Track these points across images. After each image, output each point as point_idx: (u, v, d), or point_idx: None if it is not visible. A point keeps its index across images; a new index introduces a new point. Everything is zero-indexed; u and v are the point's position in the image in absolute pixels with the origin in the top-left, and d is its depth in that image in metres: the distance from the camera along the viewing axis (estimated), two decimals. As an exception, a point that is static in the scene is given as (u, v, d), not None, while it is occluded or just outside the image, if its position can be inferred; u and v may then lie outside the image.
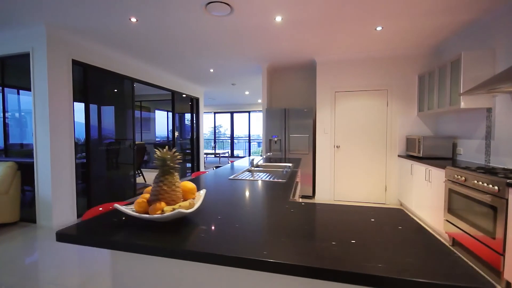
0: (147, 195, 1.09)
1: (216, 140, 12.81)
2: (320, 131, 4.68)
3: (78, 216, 3.60)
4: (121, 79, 4.49)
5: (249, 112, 11.66)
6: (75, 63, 3.49)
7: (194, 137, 7.14)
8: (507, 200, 1.96)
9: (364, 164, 4.57)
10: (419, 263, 0.71)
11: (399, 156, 4.37)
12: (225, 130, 13.06)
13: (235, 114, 11.91)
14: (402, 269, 0.68)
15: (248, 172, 2.41)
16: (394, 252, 0.78)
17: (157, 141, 9.71)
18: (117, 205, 0.97)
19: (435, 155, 3.73)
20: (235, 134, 12.19)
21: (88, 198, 3.81)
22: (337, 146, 4.64)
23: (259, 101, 10.49)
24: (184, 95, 6.55)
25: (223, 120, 12.57)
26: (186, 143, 7.07)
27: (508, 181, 1.96)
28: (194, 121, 7.12)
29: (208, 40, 3.68)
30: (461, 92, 3.03)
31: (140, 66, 4.90)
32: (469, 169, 2.59)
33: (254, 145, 12.22)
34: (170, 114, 10.49)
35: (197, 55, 4.36)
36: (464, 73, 3.04)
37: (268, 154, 2.71)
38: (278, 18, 2.97)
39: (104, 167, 4.16)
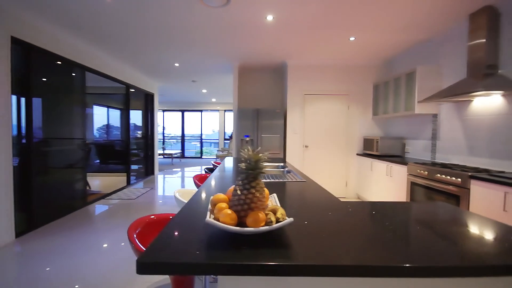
0: (223, 204, 0.94)
1: (164, 140, 11.92)
2: (290, 132, 4.85)
3: (17, 235, 2.84)
4: (70, 67, 3.74)
5: (201, 111, 11.23)
6: (15, 42, 2.74)
7: (148, 136, 6.48)
8: (469, 189, 2.41)
9: (329, 162, 4.95)
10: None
11: (357, 154, 4.89)
12: (163, 129, 12.22)
13: (185, 113, 11.29)
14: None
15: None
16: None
17: (96, 140, 8.44)
18: (210, 220, 0.81)
19: (389, 153, 4.31)
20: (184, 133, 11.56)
21: (30, 212, 3.05)
22: (305, 146, 4.89)
23: (214, 100, 10.22)
24: (132, 90, 5.84)
25: (171, 118, 11.77)
26: (132, 143, 6.31)
27: (470, 174, 2.41)
28: (149, 119, 6.46)
29: (188, 32, 3.40)
30: (417, 100, 3.57)
31: (93, 53, 4.18)
32: (427, 164, 3.08)
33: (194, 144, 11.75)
34: (110, 110, 9.29)
35: (169, 46, 3.97)
36: (418, 83, 3.59)
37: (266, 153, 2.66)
38: (270, 17, 2.96)
39: (48, 172, 3.40)
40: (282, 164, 2.86)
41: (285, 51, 4.19)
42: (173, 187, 5.77)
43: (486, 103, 2.88)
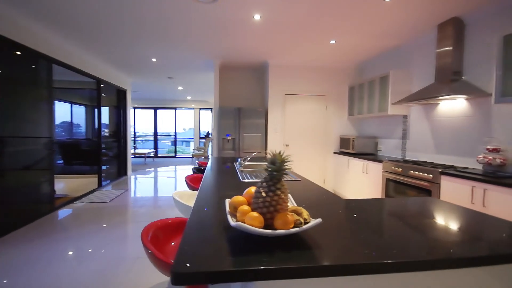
0: (245, 207, 0.93)
1: (136, 139, 11.31)
2: (271, 131, 4.91)
3: (-25, 247, 2.51)
4: (35, 58, 3.38)
5: (175, 108, 10.85)
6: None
7: (121, 135, 6.11)
8: (439, 184, 2.66)
9: (308, 161, 5.11)
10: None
11: (334, 153, 5.11)
12: (133, 127, 11.61)
13: (158, 110, 10.83)
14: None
15: (246, 174, 2.32)
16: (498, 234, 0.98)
17: (60, 139, 7.74)
18: (240, 224, 0.79)
19: (363, 151, 4.57)
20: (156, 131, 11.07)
21: (-11, 221, 2.71)
22: (286, 145, 4.99)
23: (189, 97, 9.94)
24: (102, 84, 5.43)
25: (143, 116, 11.21)
26: (102, 142, 5.88)
27: (440, 170, 2.65)
28: (121, 117, 6.09)
29: (171, 26, 3.26)
30: (390, 102, 3.83)
31: (61, 45, 3.83)
32: (401, 162, 3.33)
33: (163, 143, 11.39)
34: (74, 106, 8.60)
35: (148, 40, 3.77)
36: (392, 87, 3.85)
37: (253, 154, 2.67)
38: (257, 17, 2.96)
39: (10, 175, 3.04)
40: (269, 163, 2.88)
41: (268, 50, 4.22)
42: (149, 188, 5.51)
43: (451, 106, 3.19)
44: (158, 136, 10.95)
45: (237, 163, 2.45)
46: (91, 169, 6.42)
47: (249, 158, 2.55)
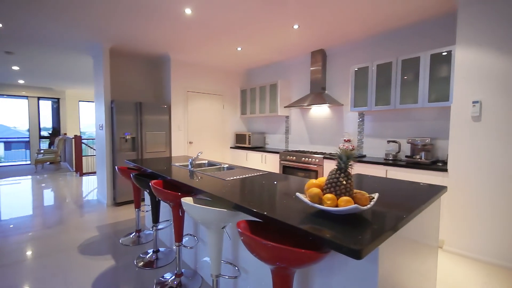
0: (329, 195, 1.18)
1: None
2: (175, 128, 4.74)
3: None
4: None
5: (-9, 95, 7.43)
6: None
7: None
8: (322, 165, 3.83)
9: (210, 156, 5.37)
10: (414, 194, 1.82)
11: (231, 147, 5.68)
12: None
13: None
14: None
15: (210, 173, 2.36)
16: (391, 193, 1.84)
17: None
18: (359, 206, 1.06)
19: (256, 145, 5.45)
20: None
21: None
22: (190, 142, 4.99)
23: (21, 81, 7.16)
24: None
25: None
26: None
27: (323, 156, 3.83)
28: None
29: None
30: (280, 105, 4.85)
31: None
32: (293, 151, 4.39)
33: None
34: None
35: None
36: (280, 93, 4.88)
37: (199, 153, 2.67)
38: (188, 11, 2.89)
39: None
40: (206, 161, 2.98)
41: (172, 43, 4.01)
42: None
43: (320, 110, 4.56)
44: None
45: (189, 163, 2.42)
46: None
47: (198, 156, 2.57)
